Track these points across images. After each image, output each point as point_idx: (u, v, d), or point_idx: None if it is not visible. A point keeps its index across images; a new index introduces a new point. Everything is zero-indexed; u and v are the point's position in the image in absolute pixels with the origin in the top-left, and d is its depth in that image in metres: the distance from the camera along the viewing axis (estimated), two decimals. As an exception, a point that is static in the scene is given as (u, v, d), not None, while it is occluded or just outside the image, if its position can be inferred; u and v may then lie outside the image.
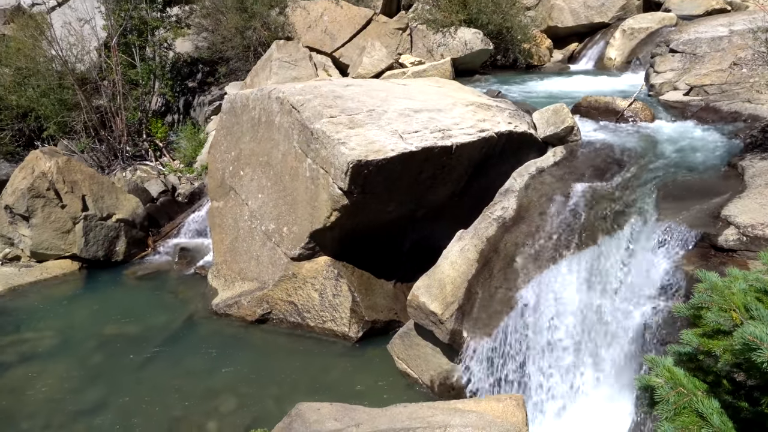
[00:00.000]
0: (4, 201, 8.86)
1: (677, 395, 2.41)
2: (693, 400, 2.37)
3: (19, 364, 6.68)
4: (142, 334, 7.15)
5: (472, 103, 7.42)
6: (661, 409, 2.43)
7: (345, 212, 6.31)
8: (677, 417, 2.38)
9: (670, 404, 2.41)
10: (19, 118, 11.03)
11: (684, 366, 2.70)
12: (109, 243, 9.20)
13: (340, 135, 6.14)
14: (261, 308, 7.09)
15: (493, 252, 5.76)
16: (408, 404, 4.10)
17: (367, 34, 12.11)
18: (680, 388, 2.43)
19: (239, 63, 12.36)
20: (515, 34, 12.82)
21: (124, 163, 11.31)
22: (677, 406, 2.38)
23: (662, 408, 2.43)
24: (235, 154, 7.82)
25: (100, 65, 11.77)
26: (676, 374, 2.51)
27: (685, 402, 2.37)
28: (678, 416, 2.38)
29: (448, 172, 6.70)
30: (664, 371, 2.53)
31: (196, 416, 5.71)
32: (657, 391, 2.49)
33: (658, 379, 2.52)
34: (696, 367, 2.74)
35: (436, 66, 10.92)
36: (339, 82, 8.20)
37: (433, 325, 5.60)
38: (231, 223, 7.92)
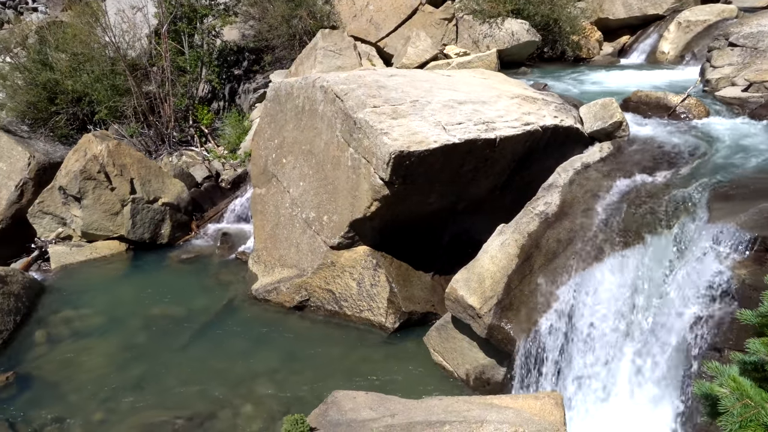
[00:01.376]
0: (59, 182, 9.20)
1: (743, 407, 2.28)
2: (761, 414, 2.24)
3: (69, 339, 6.96)
4: (184, 315, 7.33)
5: (517, 96, 7.29)
6: (725, 421, 2.31)
7: (385, 203, 6.31)
8: (742, 430, 2.26)
9: (735, 416, 2.28)
10: (73, 102, 11.38)
11: (749, 376, 2.55)
12: (154, 226, 9.45)
13: (383, 125, 6.13)
14: (299, 295, 7.17)
15: (534, 247, 5.66)
16: (443, 397, 4.08)
17: (412, 23, 12.02)
18: (747, 400, 2.29)
19: (284, 51, 12.46)
20: (564, 25, 12.51)
21: (170, 148, 11.57)
22: (743, 419, 2.25)
23: (726, 420, 2.30)
24: (278, 142, 7.90)
25: (151, 52, 12.04)
26: (743, 384, 2.37)
27: (752, 415, 2.24)
28: (743, 429, 2.26)
29: (491, 165, 6.61)
30: (729, 381, 2.39)
31: (233, 398, 5.84)
32: (721, 402, 2.36)
33: (722, 389, 2.39)
34: (762, 378, 2.58)
35: (481, 57, 10.75)
36: (383, 71, 8.18)
37: (470, 318, 5.56)
38: (272, 210, 8.03)
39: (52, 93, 11.23)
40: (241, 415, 5.64)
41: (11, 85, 11.35)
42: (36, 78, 11.22)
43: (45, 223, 9.54)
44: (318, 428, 3.70)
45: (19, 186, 9.90)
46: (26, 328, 7.15)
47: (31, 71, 11.36)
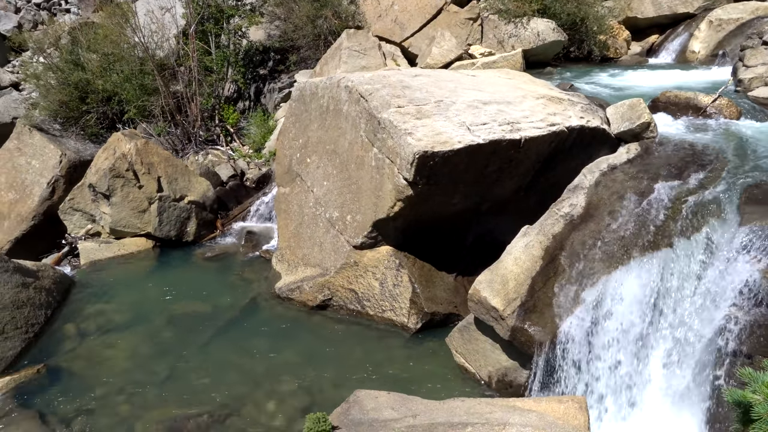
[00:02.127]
0: (89, 180, 9.39)
1: (778, 415, 2.21)
2: (796, 421, 2.18)
3: (97, 333, 7.10)
4: (209, 312, 7.42)
5: (542, 96, 7.22)
6: (758, 428, 2.25)
7: (409, 203, 6.30)
8: (777, 439, 2.19)
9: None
10: (103, 101, 11.62)
11: (783, 382, 2.48)
12: (180, 223, 9.59)
13: (407, 125, 6.12)
14: (322, 294, 7.21)
15: (558, 249, 5.60)
16: (466, 399, 4.06)
17: (437, 23, 11.99)
18: (782, 408, 2.22)
19: (309, 51, 12.54)
20: (591, 25, 12.35)
21: (196, 147, 11.74)
22: (777, 426, 2.19)
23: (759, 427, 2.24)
24: (303, 142, 7.95)
25: (178, 52, 12.23)
26: (777, 392, 2.31)
27: (787, 424, 2.18)
28: (778, 438, 2.19)
29: (515, 166, 6.56)
30: (763, 388, 2.32)
31: (256, 395, 5.89)
32: (754, 409, 2.30)
33: (756, 396, 2.32)
34: (797, 385, 2.51)
35: (506, 57, 10.68)
36: (407, 71, 8.17)
37: (493, 320, 5.53)
38: (296, 209, 8.08)
39: (83, 92, 11.49)
40: (263, 411, 5.69)
41: (44, 85, 11.64)
42: (68, 78, 11.48)
43: (75, 220, 9.76)
44: (340, 427, 3.71)
45: (51, 183, 10.14)
46: (57, 321, 7.32)
47: (63, 71, 11.63)
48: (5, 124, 11.97)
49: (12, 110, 12.18)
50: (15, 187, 10.29)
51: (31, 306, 7.10)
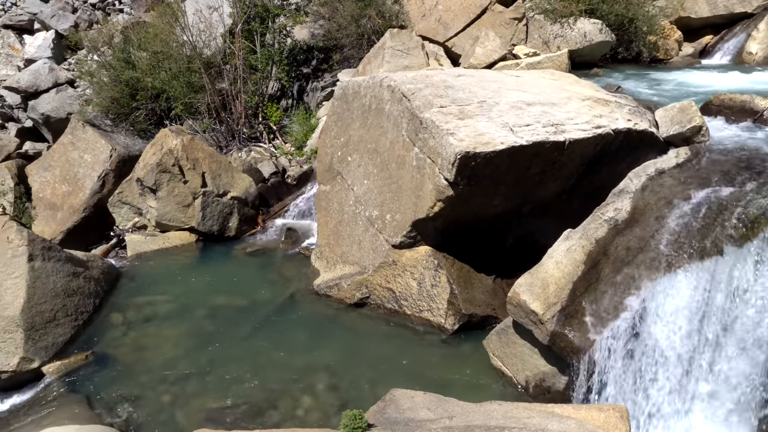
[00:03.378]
0: (137, 174, 9.69)
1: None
2: None
3: (142, 323, 7.32)
4: (249, 307, 7.56)
5: (588, 98, 7.07)
6: None
7: (449, 203, 6.27)
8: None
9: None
10: (152, 98, 11.95)
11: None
12: (223, 219, 9.79)
13: (450, 125, 6.09)
14: (360, 292, 7.25)
15: (602, 254, 5.48)
16: (503, 402, 4.02)
17: (481, 23, 11.89)
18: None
19: (353, 50, 12.61)
20: (640, 25, 12.02)
21: (240, 144, 11.95)
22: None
23: None
24: (344, 140, 8.01)
25: (224, 50, 12.47)
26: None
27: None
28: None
29: (559, 168, 6.45)
30: None
31: (293, 390, 5.97)
32: None
33: None
34: None
35: (551, 58, 10.50)
36: (451, 71, 8.13)
37: (532, 324, 5.45)
38: (336, 207, 8.15)
39: (133, 89, 11.85)
40: (299, 406, 5.76)
41: (97, 82, 12.05)
42: (120, 75, 11.86)
43: (123, 213, 10.08)
44: (376, 425, 3.72)
45: (101, 177, 10.50)
46: (104, 310, 7.58)
47: (115, 69, 12.02)
48: (61, 119, 12.45)
49: (67, 106, 12.66)
50: (68, 180, 10.70)
51: (81, 295, 7.37)
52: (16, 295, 6.69)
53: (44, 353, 6.52)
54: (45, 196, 10.74)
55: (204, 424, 5.42)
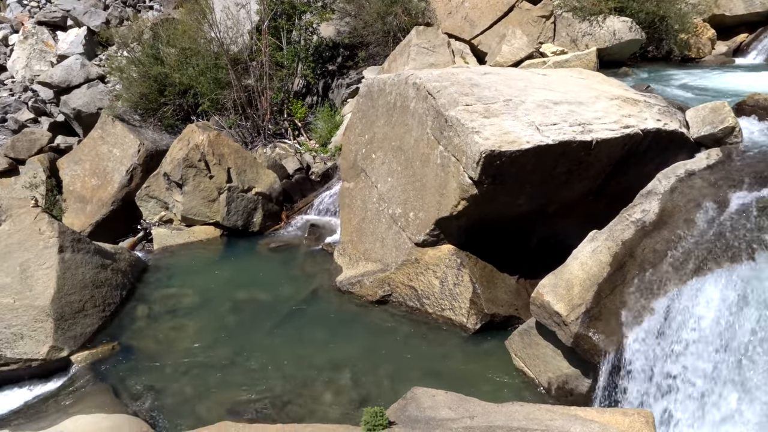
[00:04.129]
0: (164, 169, 9.83)
1: None
2: None
3: (166, 316, 7.43)
4: (271, 302, 7.62)
5: (617, 97, 6.96)
6: None
7: (473, 202, 6.24)
8: None
9: None
10: (180, 94, 12.12)
11: None
12: (247, 214, 9.88)
13: (475, 123, 6.05)
14: (382, 290, 7.25)
15: (628, 257, 5.40)
16: (524, 403, 3.98)
17: (508, 21, 11.79)
18: None
19: (378, 48, 12.61)
20: (672, 23, 11.79)
21: (265, 140, 12.05)
22: None
23: None
24: (369, 137, 8.01)
25: (251, 47, 12.58)
26: None
27: None
28: None
29: (585, 168, 6.36)
30: None
31: (314, 386, 6.00)
32: None
33: None
34: None
35: (579, 56, 10.37)
36: (477, 69, 8.07)
37: (556, 326, 5.39)
38: (359, 204, 8.16)
39: (161, 85, 12.02)
40: (320, 402, 5.79)
41: (127, 78, 12.26)
42: (149, 71, 12.04)
43: (150, 207, 10.24)
44: (396, 423, 3.72)
45: (130, 171, 10.69)
46: (130, 302, 7.71)
47: (144, 65, 12.21)
48: (91, 114, 12.70)
49: (98, 101, 12.91)
50: (97, 174, 10.91)
51: (109, 286, 7.51)
52: (46, 286, 6.84)
53: (73, 343, 6.66)
54: (75, 189, 10.98)
55: (226, 417, 5.48)
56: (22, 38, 16.19)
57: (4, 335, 6.45)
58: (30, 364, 6.42)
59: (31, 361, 6.42)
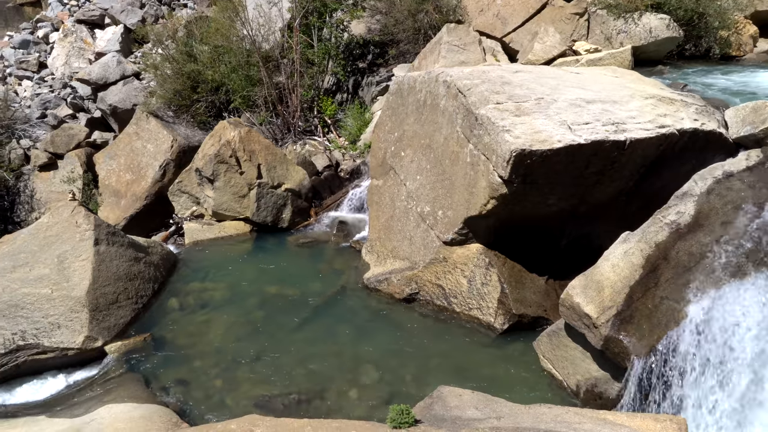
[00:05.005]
0: (196, 164, 9.99)
1: None
2: None
3: (197, 309, 7.56)
4: (299, 297, 7.68)
5: (652, 96, 6.81)
6: None
7: (502, 201, 6.18)
8: None
9: None
10: (212, 91, 12.29)
11: None
12: (277, 210, 9.98)
13: (505, 122, 6.00)
14: (409, 288, 7.24)
15: (661, 259, 5.28)
16: (552, 406, 3.94)
17: (540, 18, 11.62)
18: None
19: (408, 45, 12.58)
20: (711, 20, 11.46)
21: (295, 137, 12.14)
22: None
23: None
24: (398, 135, 8.01)
25: (282, 45, 12.68)
26: None
27: None
28: None
29: (618, 168, 6.25)
30: None
31: (340, 382, 6.04)
32: None
33: None
34: None
35: (613, 54, 10.16)
36: (508, 67, 7.99)
37: (585, 328, 5.31)
38: (388, 201, 8.16)
39: (194, 82, 12.22)
40: (346, 398, 5.82)
41: (161, 74, 12.49)
42: (182, 68, 12.25)
43: (182, 201, 10.43)
44: (422, 421, 3.72)
45: (163, 166, 10.90)
46: (162, 295, 7.87)
47: (178, 62, 12.42)
48: (127, 110, 12.99)
49: (133, 98, 13.19)
50: (132, 169, 11.15)
51: (141, 279, 7.68)
52: (82, 277, 7.03)
53: (106, 333, 6.83)
54: (110, 183, 11.24)
55: (253, 410, 5.55)
56: (62, 36, 16.63)
57: (42, 324, 6.65)
58: (66, 353, 6.61)
59: (67, 350, 6.60)
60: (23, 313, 6.73)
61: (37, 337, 6.56)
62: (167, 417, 5.43)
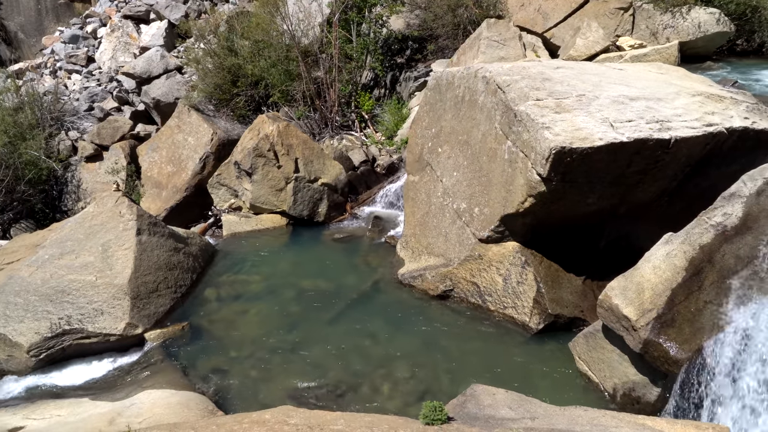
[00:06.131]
0: (234, 157, 10.15)
1: None
2: None
3: (233, 300, 7.70)
4: (334, 291, 7.74)
5: (699, 93, 6.59)
6: None
7: (540, 199, 6.09)
8: None
9: None
10: (252, 85, 12.47)
11: None
12: (313, 204, 10.07)
13: (545, 119, 5.90)
14: (444, 284, 7.21)
15: (706, 262, 5.11)
16: (588, 408, 3.86)
17: (583, 13, 11.39)
18: None
19: (447, 41, 12.50)
20: (765, 14, 11.02)
21: (332, 131, 12.22)
22: None
23: None
24: (435, 131, 7.96)
25: (321, 40, 12.76)
26: None
27: None
28: None
29: (661, 168, 6.07)
30: None
31: (373, 376, 6.06)
32: None
33: None
34: None
35: (659, 50, 9.89)
36: (549, 63, 7.85)
37: (624, 330, 5.19)
38: (424, 197, 8.14)
39: (235, 76, 12.41)
40: (378, 392, 5.84)
41: (203, 69, 12.72)
42: (223, 62, 12.45)
43: (221, 194, 10.61)
44: (455, 418, 3.70)
45: (203, 159, 11.11)
46: (200, 285, 8.04)
47: (219, 56, 12.63)
48: (169, 103, 13.28)
49: (175, 91, 13.48)
50: (173, 161, 11.41)
51: (181, 269, 7.85)
52: (124, 266, 7.24)
53: (146, 321, 7.02)
54: (152, 175, 11.53)
55: (287, 402, 5.62)
56: (109, 31, 17.11)
57: (86, 310, 6.88)
58: (108, 339, 6.82)
59: (109, 335, 6.81)
60: (69, 298, 6.97)
61: (82, 322, 6.79)
62: (203, 404, 5.55)
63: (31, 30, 19.56)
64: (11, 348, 6.72)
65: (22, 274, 7.27)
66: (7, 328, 6.78)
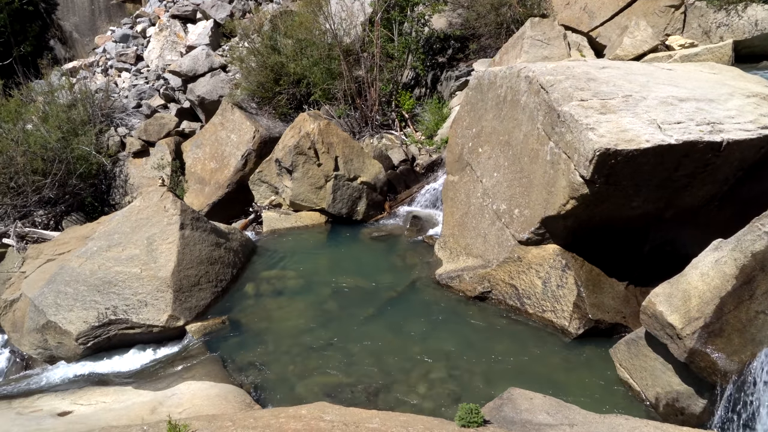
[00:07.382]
0: (275, 155, 10.29)
1: None
2: None
3: (272, 296, 7.81)
4: (371, 290, 7.76)
5: (755, 95, 6.34)
6: None
7: (583, 202, 5.96)
8: None
9: None
10: (294, 83, 12.61)
11: None
12: (352, 202, 10.12)
13: (589, 120, 5.77)
14: (482, 286, 7.15)
15: (758, 270, 4.91)
16: (630, 417, 3.76)
17: (631, 11, 11.09)
18: None
19: (490, 40, 12.37)
20: (826, 12, 10.51)
21: (372, 130, 12.25)
22: None
23: None
24: (476, 131, 7.89)
25: (363, 39, 12.80)
26: None
27: None
28: None
29: (711, 172, 5.86)
30: None
31: (408, 376, 6.05)
32: None
33: None
34: None
35: (711, 50, 9.55)
36: (594, 63, 7.68)
37: (668, 338, 5.03)
38: (463, 198, 8.08)
39: (277, 75, 12.58)
40: (414, 392, 5.83)
41: (246, 67, 12.94)
42: (266, 61, 12.64)
43: (261, 191, 10.78)
44: (491, 421, 3.66)
45: (245, 156, 11.30)
46: (240, 280, 8.18)
47: (262, 55, 12.82)
48: (213, 101, 13.58)
49: (219, 89, 13.77)
50: (216, 158, 11.65)
51: (221, 264, 8.01)
52: (168, 259, 7.43)
53: (188, 314, 7.19)
54: (196, 171, 11.79)
55: (322, 398, 5.67)
56: (158, 30, 17.59)
57: (131, 301, 7.09)
58: (151, 330, 7.01)
59: (152, 327, 7.01)
60: (115, 290, 7.20)
61: (127, 313, 7.00)
62: (241, 397, 5.65)
63: (85, 29, 20.29)
64: (61, 335, 6.99)
65: (72, 265, 7.55)
66: (58, 316, 7.05)
